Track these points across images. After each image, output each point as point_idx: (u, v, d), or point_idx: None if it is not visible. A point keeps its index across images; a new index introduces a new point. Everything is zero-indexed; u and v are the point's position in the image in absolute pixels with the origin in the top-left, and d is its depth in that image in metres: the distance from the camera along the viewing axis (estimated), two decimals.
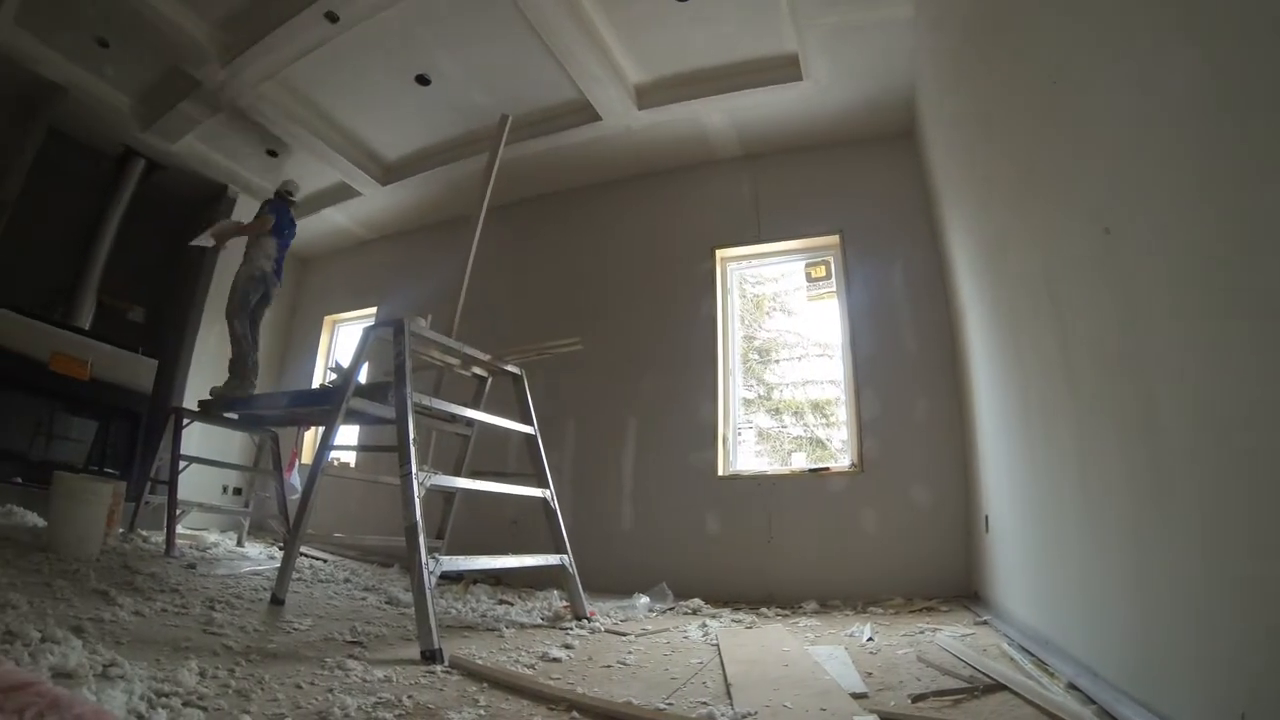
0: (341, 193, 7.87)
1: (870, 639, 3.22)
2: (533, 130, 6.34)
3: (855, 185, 5.71)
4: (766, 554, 5.04)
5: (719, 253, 6.11)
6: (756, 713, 2.07)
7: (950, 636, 3.14)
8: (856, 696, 2.21)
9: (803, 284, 5.87)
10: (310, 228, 8.54)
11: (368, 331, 3.95)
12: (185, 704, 1.88)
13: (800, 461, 5.57)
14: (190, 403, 6.67)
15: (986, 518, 3.98)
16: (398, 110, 6.52)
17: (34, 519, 5.29)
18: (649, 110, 5.83)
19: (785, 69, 5.24)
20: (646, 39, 5.29)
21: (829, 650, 2.93)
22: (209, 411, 5.95)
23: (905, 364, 5.08)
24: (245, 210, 7.92)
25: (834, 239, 5.67)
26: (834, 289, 5.63)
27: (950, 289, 4.87)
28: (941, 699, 2.18)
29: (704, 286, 6.05)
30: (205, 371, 7.58)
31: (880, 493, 4.86)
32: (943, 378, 4.90)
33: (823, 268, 5.73)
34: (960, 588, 4.43)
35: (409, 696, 2.14)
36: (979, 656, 2.68)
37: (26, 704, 1.35)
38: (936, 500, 4.71)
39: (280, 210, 6.46)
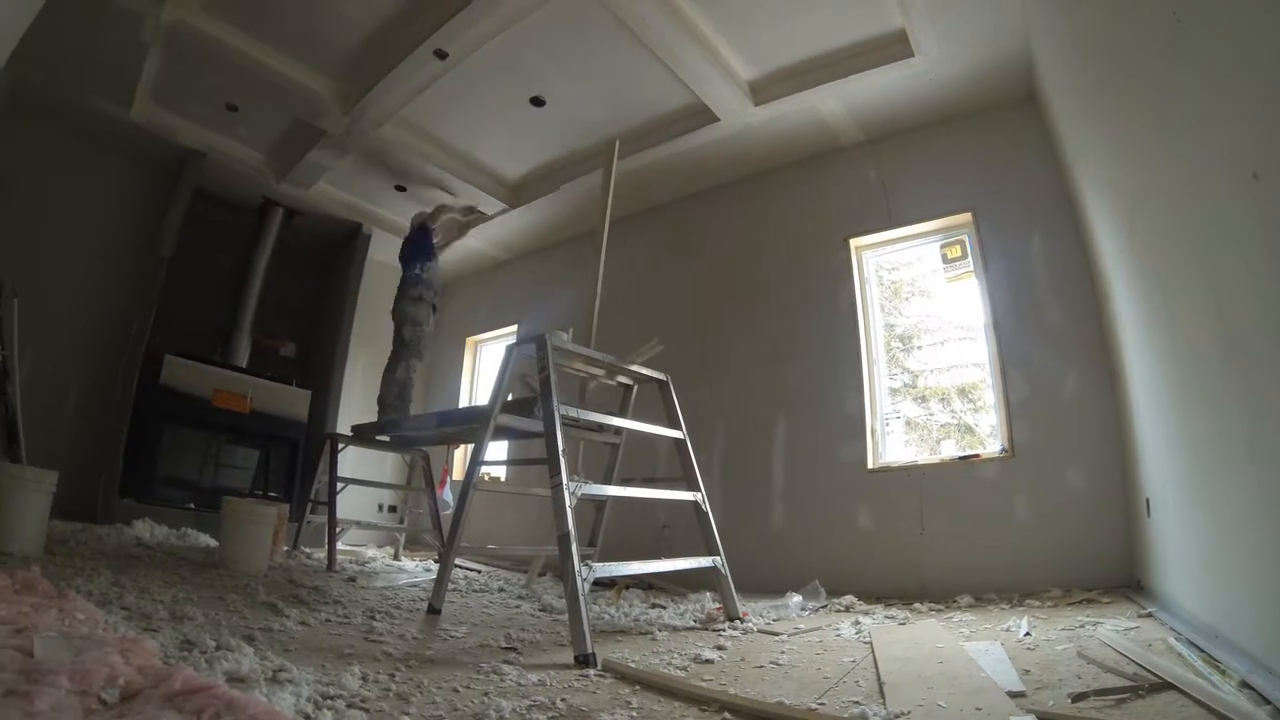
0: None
1: (1027, 633, 3.08)
2: (653, 139, 6.43)
3: (981, 159, 5.46)
4: (918, 547, 4.89)
5: (852, 242, 5.98)
6: (909, 712, 2.04)
7: (1112, 630, 2.97)
8: (1013, 695, 2.14)
9: (939, 266, 5.66)
10: (447, 254, 8.89)
11: (510, 349, 4.08)
12: (349, 706, 1.99)
13: (949, 449, 5.41)
14: (343, 429, 7.11)
15: (1148, 501, 3.71)
16: (517, 133, 6.76)
17: (206, 540, 5.87)
18: (765, 106, 5.76)
19: (894, 46, 5.09)
20: (751, 34, 5.24)
21: (984, 646, 2.85)
22: (362, 436, 6.26)
23: (1051, 341, 4.79)
24: (380, 246, 8.45)
25: (966, 216, 5.44)
26: (971, 268, 5.40)
27: (1092, 257, 4.57)
28: (1103, 698, 2.08)
29: (841, 277, 5.93)
30: (355, 399, 8.11)
31: (1033, 478, 4.61)
32: (1092, 353, 4.58)
33: (958, 247, 5.51)
34: (1122, 577, 4.14)
35: (562, 699, 2.21)
36: (1143, 652, 2.53)
37: (205, 705, 1.52)
38: (1092, 484, 4.41)
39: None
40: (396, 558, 6.81)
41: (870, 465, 5.38)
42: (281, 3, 5.35)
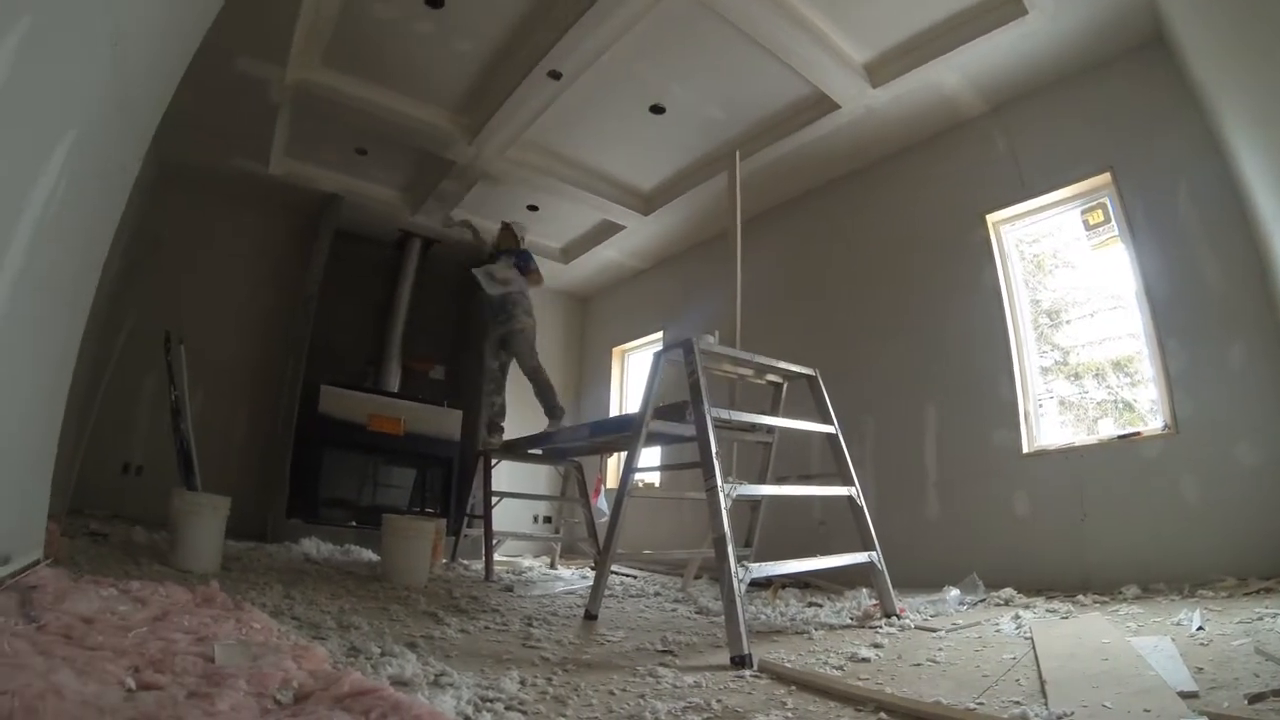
0: (607, 230, 8.45)
1: (1200, 628, 2.90)
2: (776, 134, 6.46)
3: (1112, 113, 5.10)
4: (1079, 535, 4.63)
5: (989, 218, 5.75)
6: (1073, 713, 1.97)
7: None
8: (1185, 696, 2.03)
9: (1082, 234, 5.34)
10: (584, 267, 9.25)
11: (658, 356, 4.15)
12: (507, 708, 2.07)
13: (1108, 428, 5.08)
14: None
15: None
16: (641, 143, 6.92)
17: (369, 555, 6.22)
18: (884, 87, 5.66)
19: (1006, 7, 4.86)
20: (858, 15, 5.17)
21: (1153, 642, 2.70)
22: (515, 450, 6.44)
23: (1210, 304, 4.38)
24: None
25: (1105, 177, 5.09)
26: (1116, 233, 5.06)
27: (1249, 206, 4.16)
28: None
29: (980, 256, 5.72)
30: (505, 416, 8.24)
31: (1200, 456, 4.24)
32: (1259, 315, 4.16)
33: (1099, 211, 5.19)
34: None
35: (718, 700, 2.24)
36: None
37: (372, 706, 1.62)
38: (1268, 460, 3.99)
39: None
40: (553, 566, 7.01)
41: (1025, 450, 5.16)
42: (394, 47, 5.69)
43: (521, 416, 7.05)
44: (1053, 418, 5.36)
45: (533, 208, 8.10)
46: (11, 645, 1.65)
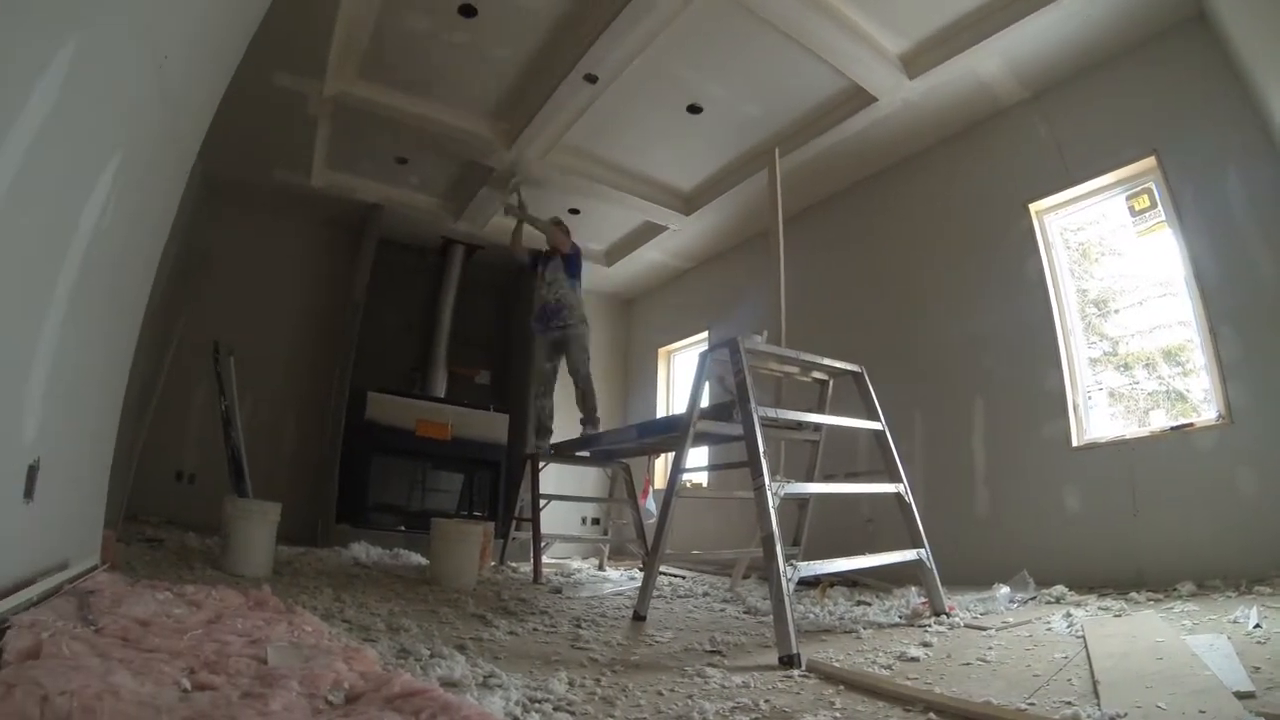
0: (650, 231, 8.49)
1: (1257, 625, 2.82)
2: (814, 129, 6.43)
3: (1154, 94, 4.96)
4: (1131, 530, 4.51)
5: (1032, 207, 5.64)
6: (1126, 714, 1.95)
7: None
8: (1241, 696, 1.99)
9: (1127, 220, 5.21)
10: (628, 268, 9.28)
11: (704, 355, 4.19)
12: (555, 709, 2.10)
13: (1159, 420, 4.97)
14: None
15: None
16: (679, 143, 6.94)
17: (418, 558, 6.34)
18: (921, 77, 5.60)
19: None
20: (891, 6, 5.14)
21: (1208, 640, 2.64)
22: (562, 453, 6.49)
23: (1264, 288, 4.22)
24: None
25: (1149, 161, 4.95)
26: (1163, 218, 4.91)
27: None
28: None
29: (1025, 246, 5.62)
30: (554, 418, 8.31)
31: (1257, 446, 4.08)
32: None
33: (1145, 197, 5.05)
34: None
35: (766, 700, 2.26)
36: None
37: (422, 707, 1.65)
38: None
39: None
40: (601, 568, 7.05)
41: (1075, 443, 5.05)
42: (429, 57, 5.79)
43: (570, 420, 7.08)
44: (1102, 410, 5.24)
45: (574, 211, 8.14)
46: (70, 647, 1.71)
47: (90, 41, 1.89)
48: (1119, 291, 5.44)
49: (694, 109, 6.30)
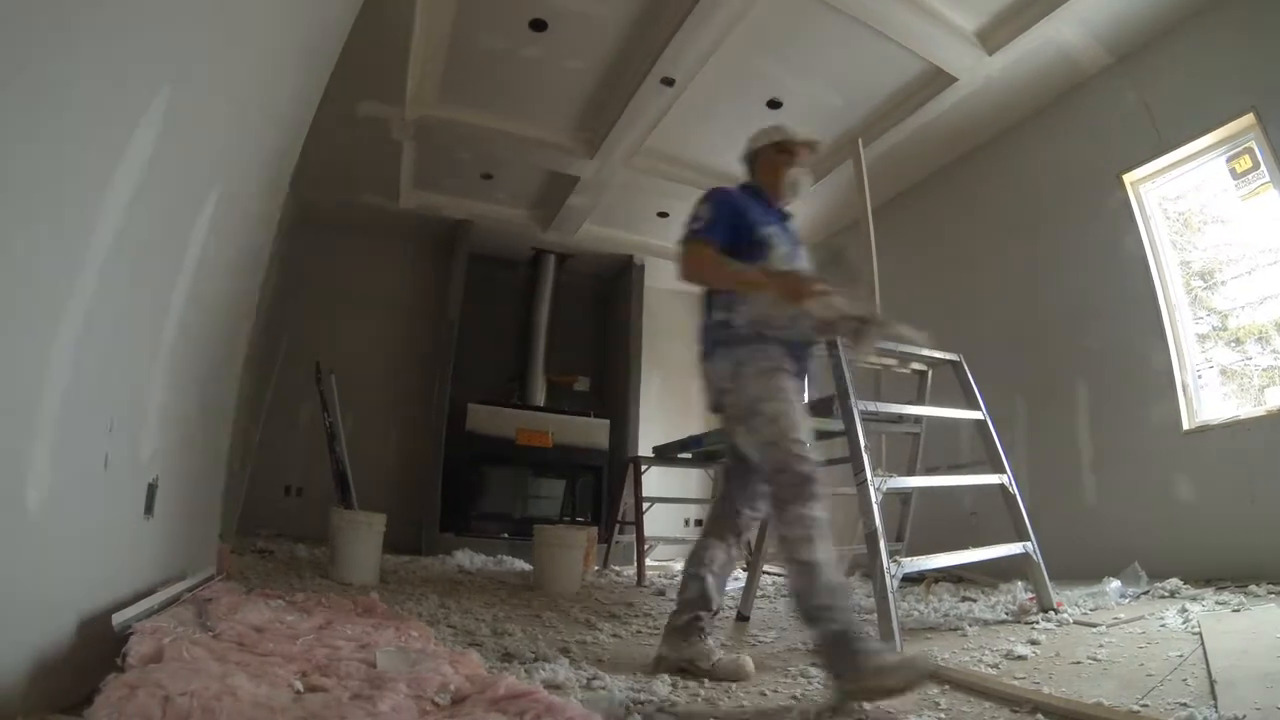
0: None
1: None
2: (896, 116, 6.35)
3: (1247, 47, 4.63)
4: (1250, 518, 4.21)
5: (1126, 178, 5.40)
6: (1245, 715, 1.87)
7: None
8: None
9: (1229, 184, 4.94)
10: None
11: None
12: (658, 710, 2.13)
13: (1276, 398, 4.69)
14: (644, 450, 7.51)
15: None
16: None
17: (521, 564, 6.45)
18: (1000, 52, 5.46)
19: None
20: None
21: None
22: (663, 456, 6.54)
23: None
24: (655, 273, 8.89)
25: (1248, 119, 4.64)
26: (1268, 178, 4.60)
27: None
28: None
29: (1121, 219, 5.39)
30: (653, 421, 8.53)
31: None
32: None
33: (1246, 157, 4.74)
34: None
35: (870, 700, 2.21)
36: None
37: (526, 708, 1.69)
38: None
39: None
40: None
41: (1186, 426, 4.80)
42: (505, 73, 5.93)
43: (670, 422, 7.10)
44: (1214, 389, 4.97)
45: (663, 214, 8.19)
46: (190, 652, 1.83)
47: (179, 92, 2.02)
48: (1226, 261, 5.16)
49: (774, 104, 6.26)
